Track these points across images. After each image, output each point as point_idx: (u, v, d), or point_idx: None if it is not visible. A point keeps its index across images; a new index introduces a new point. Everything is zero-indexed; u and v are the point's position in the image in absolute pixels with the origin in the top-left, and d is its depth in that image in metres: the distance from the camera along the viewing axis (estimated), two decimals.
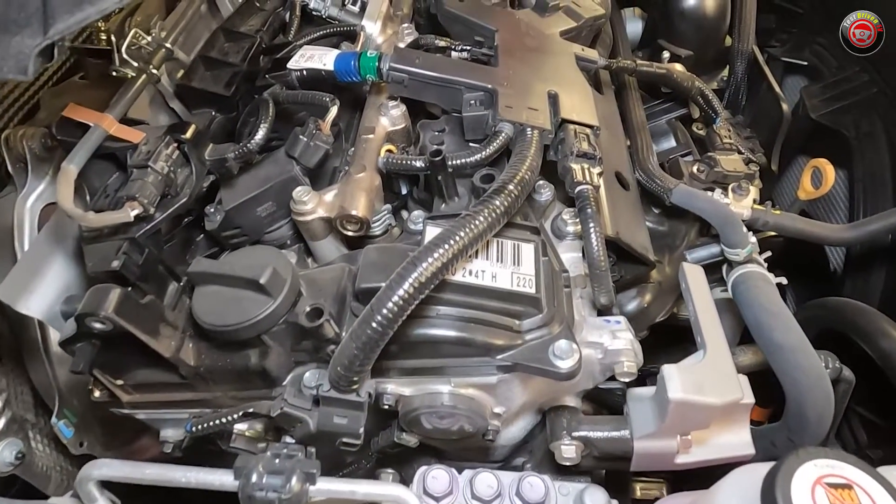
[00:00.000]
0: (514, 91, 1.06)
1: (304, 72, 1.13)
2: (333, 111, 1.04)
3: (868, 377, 1.17)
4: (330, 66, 1.09)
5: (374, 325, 0.75)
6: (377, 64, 1.06)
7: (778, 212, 1.25)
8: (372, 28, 1.33)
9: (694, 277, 1.07)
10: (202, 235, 1.14)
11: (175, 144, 0.94)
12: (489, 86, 1.06)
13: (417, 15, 1.46)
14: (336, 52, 1.11)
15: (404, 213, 1.14)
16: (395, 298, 0.74)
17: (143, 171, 0.89)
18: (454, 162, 0.98)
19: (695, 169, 1.37)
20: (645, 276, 1.19)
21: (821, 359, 1.18)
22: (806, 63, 1.80)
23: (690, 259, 1.31)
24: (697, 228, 1.33)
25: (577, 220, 1.02)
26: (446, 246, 0.78)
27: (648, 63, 1.36)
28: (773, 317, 1.05)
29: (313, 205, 0.99)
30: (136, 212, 0.86)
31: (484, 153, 0.98)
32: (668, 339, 1.30)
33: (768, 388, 1.05)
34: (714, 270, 1.34)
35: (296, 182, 1.04)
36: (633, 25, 1.92)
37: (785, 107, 1.48)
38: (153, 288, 0.93)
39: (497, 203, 0.84)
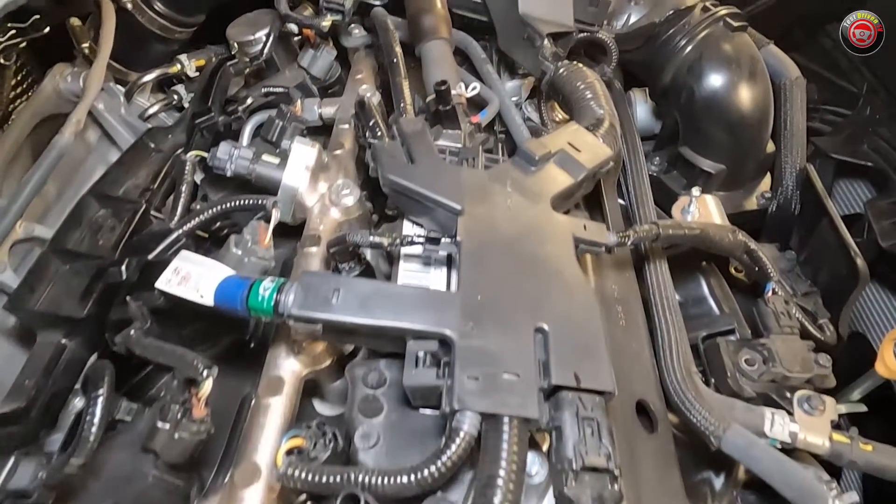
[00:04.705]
0: (484, 335, 0.70)
1: None
2: (206, 387, 0.69)
3: None
4: (209, 299, 0.73)
5: None
6: (274, 299, 0.70)
7: (869, 447, 0.88)
8: (297, 182, 0.99)
9: None
10: None
11: None
12: (445, 332, 0.70)
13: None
14: (223, 271, 0.75)
15: None
16: None
17: None
18: (379, 483, 0.62)
19: (743, 362, 1.00)
20: None
21: None
22: (871, 164, 1.43)
23: None
24: None
25: None
26: None
27: (674, 223, 1.00)
28: None
29: None
30: None
31: (431, 472, 0.62)
32: None
33: None
34: None
35: (157, 491, 0.69)
36: (642, 110, 1.55)
37: (860, 263, 1.11)
38: None
39: None
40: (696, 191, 1.13)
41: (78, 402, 0.87)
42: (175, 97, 1.44)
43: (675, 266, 1.12)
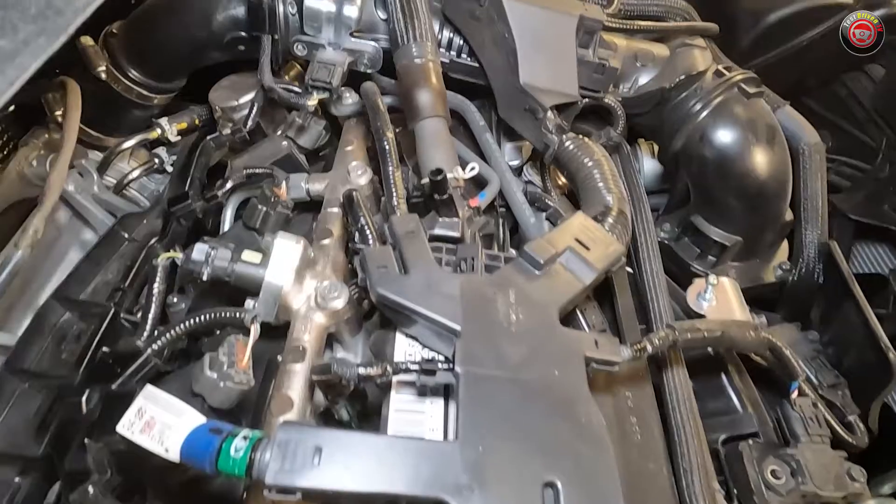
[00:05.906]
0: (486, 499, 0.61)
1: None
2: None
3: None
4: (174, 454, 0.65)
5: None
6: (248, 458, 0.62)
7: None
8: (280, 281, 0.90)
9: None
10: None
11: None
12: (443, 497, 0.61)
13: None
14: (190, 420, 0.67)
15: None
16: None
17: None
18: None
19: (769, 473, 0.92)
20: None
21: None
22: (893, 228, 1.35)
23: None
24: None
25: None
26: None
27: (691, 326, 0.91)
28: None
29: None
30: None
31: None
32: None
33: None
34: None
35: None
36: (650, 165, 1.48)
37: (893, 358, 1.02)
38: None
39: None
40: (713, 278, 1.04)
41: None
42: (156, 161, 1.36)
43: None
